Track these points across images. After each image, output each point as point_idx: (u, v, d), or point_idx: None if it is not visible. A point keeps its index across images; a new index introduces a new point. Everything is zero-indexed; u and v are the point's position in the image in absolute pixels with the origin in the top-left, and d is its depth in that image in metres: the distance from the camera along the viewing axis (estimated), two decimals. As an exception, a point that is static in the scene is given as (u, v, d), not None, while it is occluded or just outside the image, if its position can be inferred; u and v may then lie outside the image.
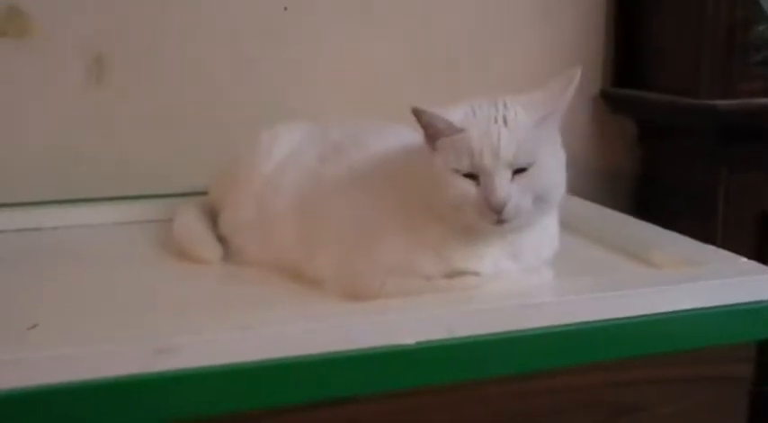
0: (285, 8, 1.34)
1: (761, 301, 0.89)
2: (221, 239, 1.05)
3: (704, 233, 1.29)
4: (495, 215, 0.82)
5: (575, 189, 1.39)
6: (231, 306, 0.87)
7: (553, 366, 0.84)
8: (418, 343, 0.77)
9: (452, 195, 0.83)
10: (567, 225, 1.13)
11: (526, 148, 0.82)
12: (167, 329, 0.74)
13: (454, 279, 0.87)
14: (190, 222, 1.08)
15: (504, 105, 0.84)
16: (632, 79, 1.49)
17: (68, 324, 0.81)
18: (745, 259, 0.94)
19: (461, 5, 1.44)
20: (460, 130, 0.83)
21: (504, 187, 0.81)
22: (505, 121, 0.83)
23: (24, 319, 0.81)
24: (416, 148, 0.89)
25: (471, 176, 0.83)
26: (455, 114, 0.84)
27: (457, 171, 0.83)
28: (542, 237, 0.90)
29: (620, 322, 0.84)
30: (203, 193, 1.15)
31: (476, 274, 0.87)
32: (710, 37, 1.29)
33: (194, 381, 0.72)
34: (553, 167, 0.85)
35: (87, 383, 0.69)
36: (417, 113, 0.84)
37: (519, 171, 0.82)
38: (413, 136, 0.92)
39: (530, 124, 0.83)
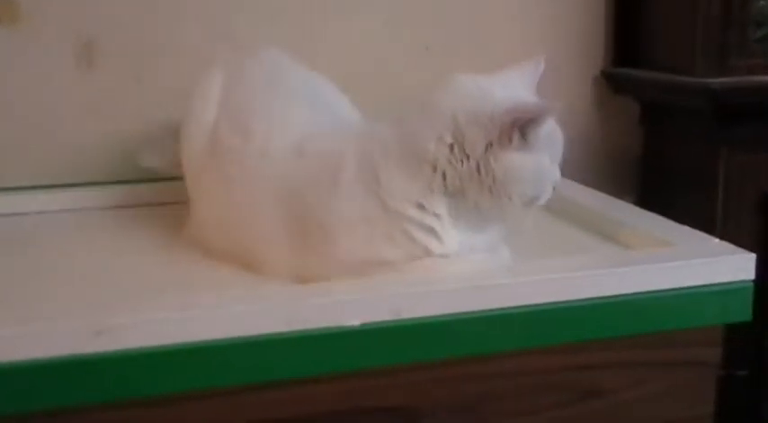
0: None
1: (731, 283, 0.86)
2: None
3: (705, 214, 1.30)
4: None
5: (575, 170, 1.41)
6: (176, 287, 0.87)
7: (509, 349, 0.83)
8: (363, 325, 0.76)
9: (545, 181, 0.85)
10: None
11: None
12: (107, 310, 0.74)
13: (422, 261, 0.85)
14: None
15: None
16: (634, 58, 1.46)
17: (8, 306, 0.80)
18: (717, 240, 0.92)
19: (459, -13, 1.42)
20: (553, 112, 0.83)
21: None
22: None
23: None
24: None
25: None
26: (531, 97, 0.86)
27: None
28: None
29: (581, 304, 0.82)
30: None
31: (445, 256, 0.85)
32: (705, 12, 1.26)
33: (135, 361, 0.72)
34: None
35: (23, 364, 0.69)
36: (519, 111, 0.81)
37: None
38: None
39: None
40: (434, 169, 0.83)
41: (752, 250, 0.88)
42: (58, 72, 1.26)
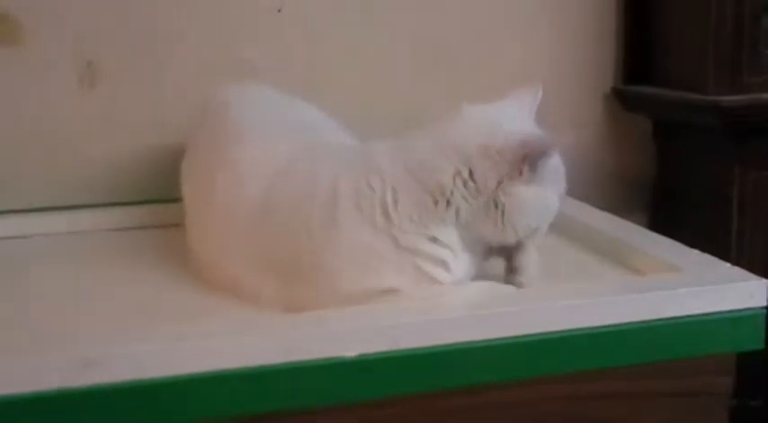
0: (279, 10, 1.31)
1: (742, 310, 0.83)
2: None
3: (719, 233, 1.28)
4: None
5: (586, 188, 1.39)
6: (166, 316, 0.85)
7: (512, 379, 0.80)
8: (360, 355, 0.74)
9: (549, 213, 0.86)
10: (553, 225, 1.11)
11: None
12: (97, 340, 0.72)
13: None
14: None
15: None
16: (645, 76, 1.44)
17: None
18: (728, 265, 0.89)
19: (469, 2, 1.40)
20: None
21: None
22: None
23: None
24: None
25: None
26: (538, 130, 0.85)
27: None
28: None
29: (587, 332, 0.80)
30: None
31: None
32: (716, 29, 1.23)
33: (124, 394, 0.70)
34: None
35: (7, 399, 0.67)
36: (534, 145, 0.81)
37: None
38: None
39: None
40: (449, 203, 0.81)
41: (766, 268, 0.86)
42: (60, 92, 1.25)
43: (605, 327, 0.80)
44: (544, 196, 0.83)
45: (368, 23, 1.36)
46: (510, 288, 0.86)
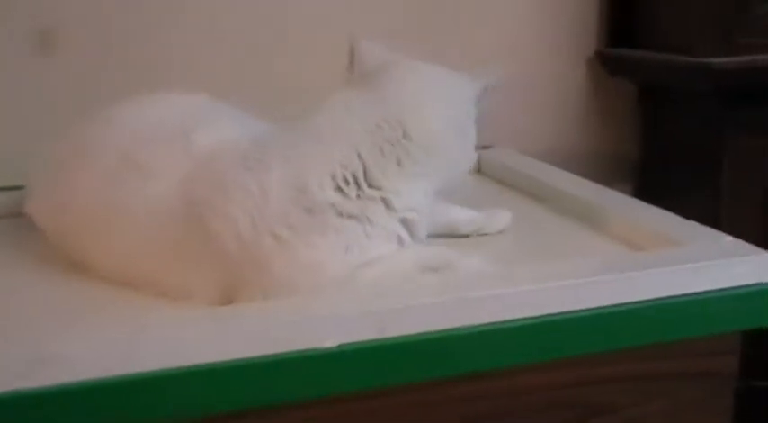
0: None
1: (747, 286, 0.78)
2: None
3: (708, 204, 1.23)
4: None
5: (571, 158, 1.34)
6: (110, 309, 0.78)
7: (508, 365, 0.74)
8: (341, 345, 0.68)
9: None
10: (539, 197, 1.06)
11: None
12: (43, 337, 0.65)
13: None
14: None
15: None
16: (629, 38, 1.38)
17: None
18: (730, 238, 0.83)
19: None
20: None
21: None
22: None
23: None
24: None
25: None
26: None
27: None
28: None
29: (585, 314, 0.74)
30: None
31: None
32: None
33: (79, 395, 0.63)
34: None
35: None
36: None
37: None
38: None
39: None
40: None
41: (757, 241, 0.81)
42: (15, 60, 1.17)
43: (605, 307, 0.75)
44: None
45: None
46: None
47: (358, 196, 0.77)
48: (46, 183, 0.89)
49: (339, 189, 0.77)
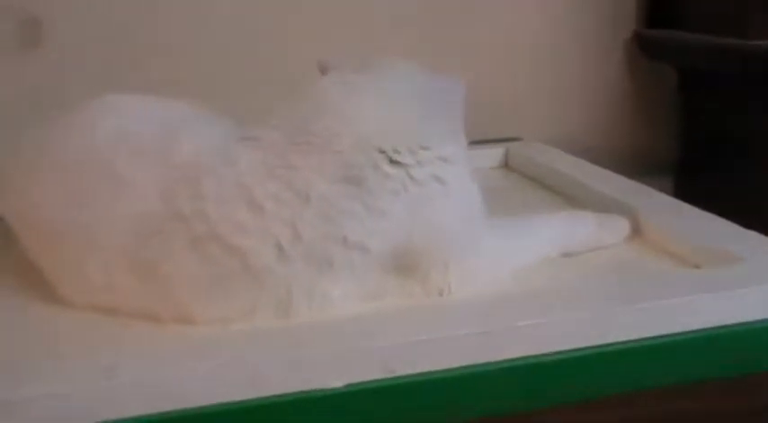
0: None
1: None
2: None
3: (754, 201, 1.13)
4: None
5: (604, 150, 1.25)
6: (86, 344, 0.65)
7: (540, 407, 0.65)
8: (348, 385, 0.59)
9: None
10: (571, 197, 0.99)
11: None
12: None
13: None
14: None
15: None
16: (672, 18, 1.29)
17: None
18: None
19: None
20: None
21: None
22: None
23: None
24: None
25: None
26: None
27: None
28: None
29: (630, 346, 0.65)
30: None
31: None
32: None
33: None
34: None
35: None
36: None
37: None
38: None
39: None
40: None
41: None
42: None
43: (655, 338, 0.65)
44: None
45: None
46: None
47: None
48: (15, 183, 0.80)
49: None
